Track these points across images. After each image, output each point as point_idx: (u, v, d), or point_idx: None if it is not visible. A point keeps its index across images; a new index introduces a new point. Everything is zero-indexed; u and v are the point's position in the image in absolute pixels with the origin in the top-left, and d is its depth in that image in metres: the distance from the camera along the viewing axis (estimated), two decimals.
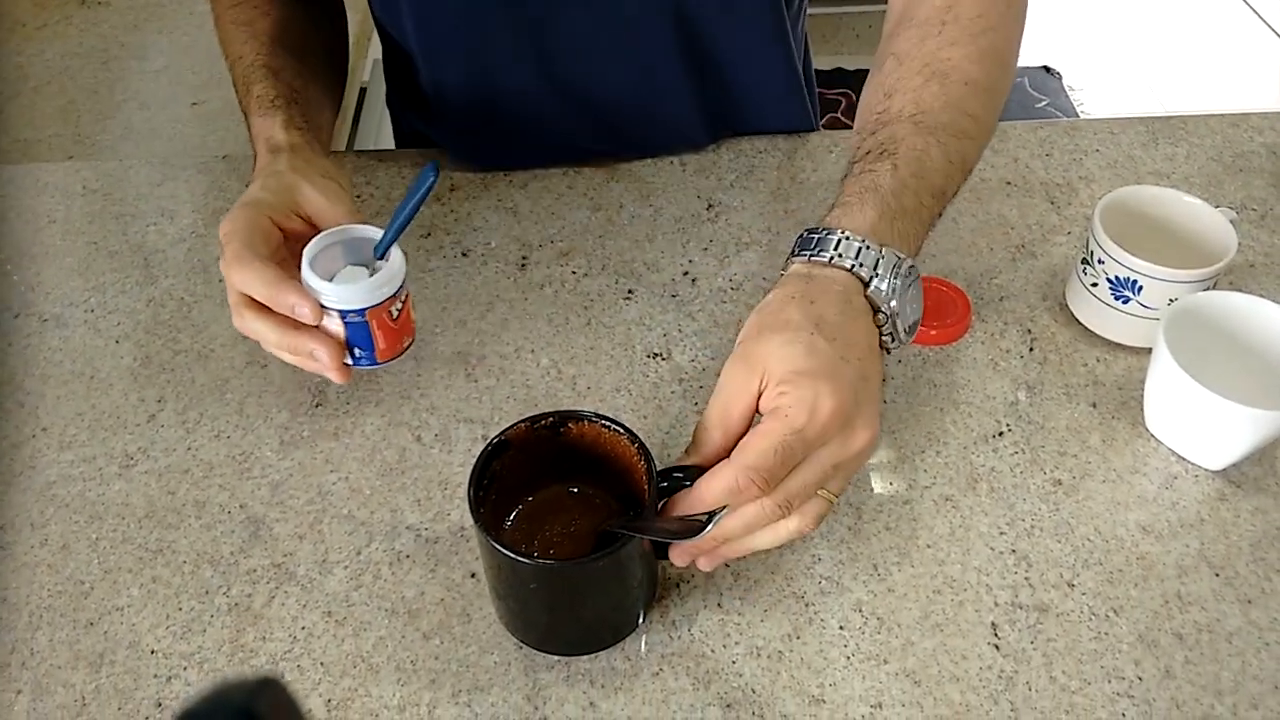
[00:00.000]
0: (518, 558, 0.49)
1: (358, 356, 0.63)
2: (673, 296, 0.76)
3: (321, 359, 0.61)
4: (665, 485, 0.53)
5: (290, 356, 0.62)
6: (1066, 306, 0.73)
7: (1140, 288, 0.67)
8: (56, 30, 1.29)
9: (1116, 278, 0.67)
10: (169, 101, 1.17)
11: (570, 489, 0.59)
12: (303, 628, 0.58)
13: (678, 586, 0.59)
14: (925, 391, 0.69)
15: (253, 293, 0.60)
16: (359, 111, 1.37)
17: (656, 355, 0.71)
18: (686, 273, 0.77)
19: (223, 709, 0.29)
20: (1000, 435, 0.66)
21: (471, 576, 0.59)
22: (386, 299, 0.62)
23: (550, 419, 0.56)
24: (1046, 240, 0.79)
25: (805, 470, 0.51)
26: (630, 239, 0.80)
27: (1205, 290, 0.66)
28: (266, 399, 0.69)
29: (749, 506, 0.51)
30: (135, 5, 1.33)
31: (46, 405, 0.70)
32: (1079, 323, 0.72)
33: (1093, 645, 0.56)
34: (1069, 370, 0.70)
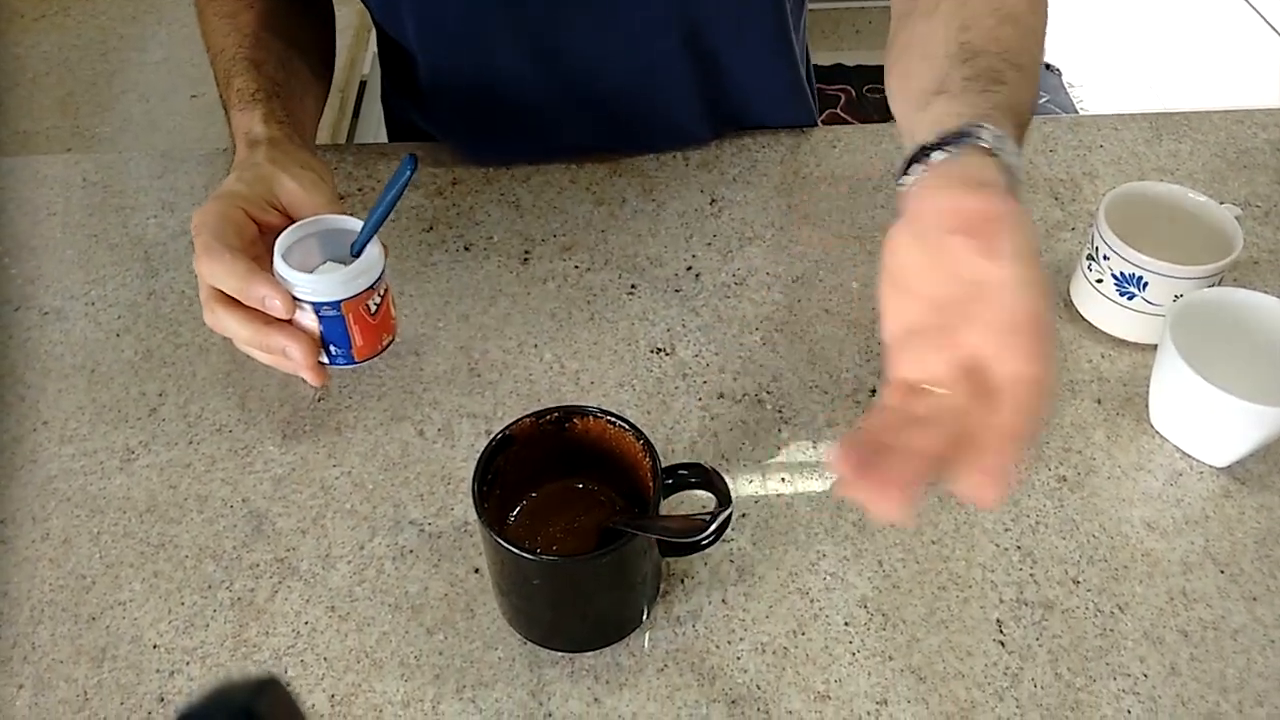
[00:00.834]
0: (521, 554, 0.49)
1: (333, 354, 0.60)
2: (676, 291, 0.75)
3: (294, 356, 0.58)
4: (670, 482, 0.53)
5: (263, 355, 0.60)
6: (1071, 303, 0.73)
7: (1145, 284, 0.67)
8: (55, 21, 1.29)
9: (1121, 274, 0.67)
10: (168, 93, 1.17)
11: (575, 484, 0.58)
12: (306, 623, 0.57)
13: (682, 582, 0.59)
14: None
15: (222, 285, 0.57)
16: (359, 104, 1.36)
17: (660, 350, 0.71)
18: (690, 267, 0.77)
19: (223, 709, 0.29)
20: None
21: (475, 572, 0.59)
22: (363, 291, 0.59)
23: (555, 414, 0.55)
24: (1051, 236, 0.79)
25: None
26: (633, 234, 0.80)
27: (1210, 286, 0.66)
28: (269, 393, 0.69)
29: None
30: None
31: (47, 399, 0.69)
32: (1084, 319, 0.72)
33: (1098, 642, 0.56)
34: (1074, 366, 0.70)
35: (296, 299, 0.58)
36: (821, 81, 1.48)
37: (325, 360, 0.60)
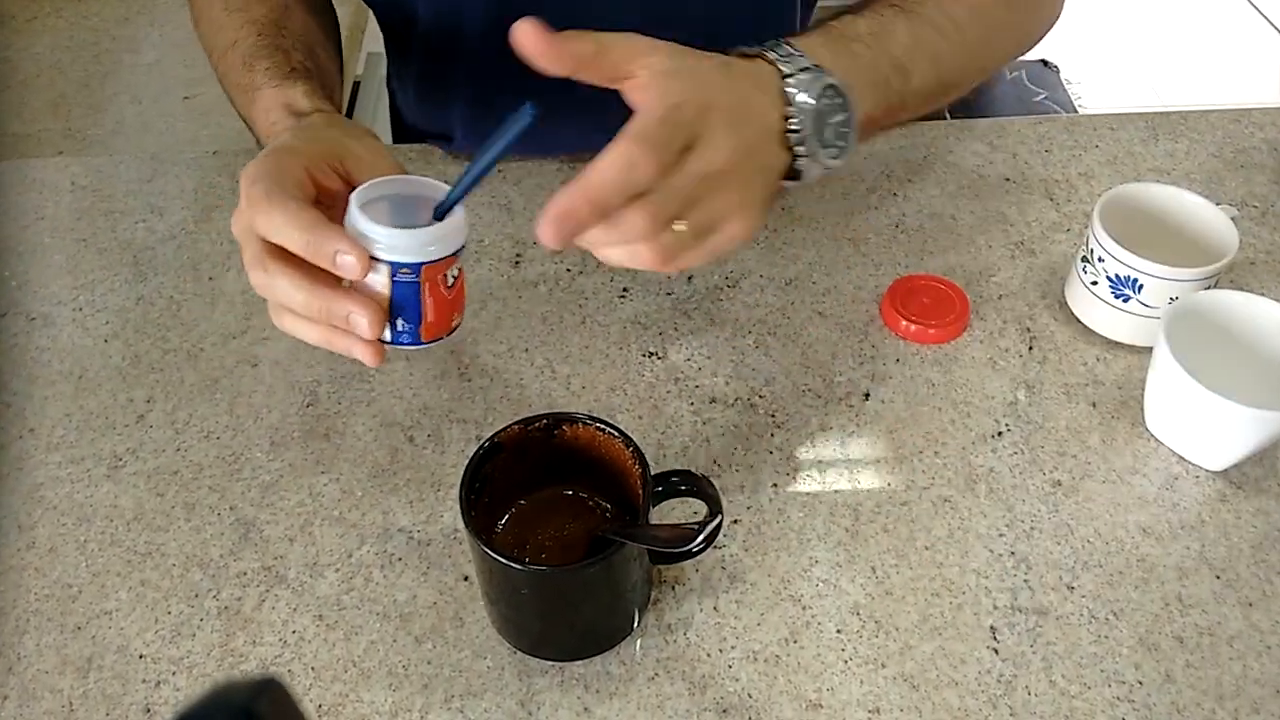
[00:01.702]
0: (509, 563, 0.49)
1: (399, 330, 0.52)
2: (668, 294, 0.75)
3: (360, 326, 0.50)
4: (660, 489, 0.53)
5: (311, 331, 0.52)
6: (1066, 305, 0.73)
7: (1141, 286, 0.66)
8: (47, 23, 1.28)
9: (1117, 276, 0.67)
10: (161, 95, 1.16)
11: (564, 492, 0.58)
12: (293, 632, 0.57)
13: (673, 589, 0.58)
14: (923, 391, 0.68)
15: (283, 237, 0.50)
16: (352, 105, 1.36)
17: (652, 354, 0.71)
18: (682, 270, 0.76)
19: (223, 709, 0.29)
20: (999, 435, 0.65)
21: (464, 579, 0.59)
22: (447, 256, 0.51)
23: (544, 421, 0.55)
24: (1046, 237, 0.78)
25: (685, 173, 0.49)
26: None
27: (1206, 289, 0.66)
28: (256, 399, 0.69)
29: (631, 214, 0.48)
30: None
31: (34, 406, 0.69)
32: (1079, 321, 0.71)
33: (1093, 649, 0.55)
34: (1068, 369, 0.69)
35: (372, 258, 0.50)
36: None
37: (388, 337, 0.53)
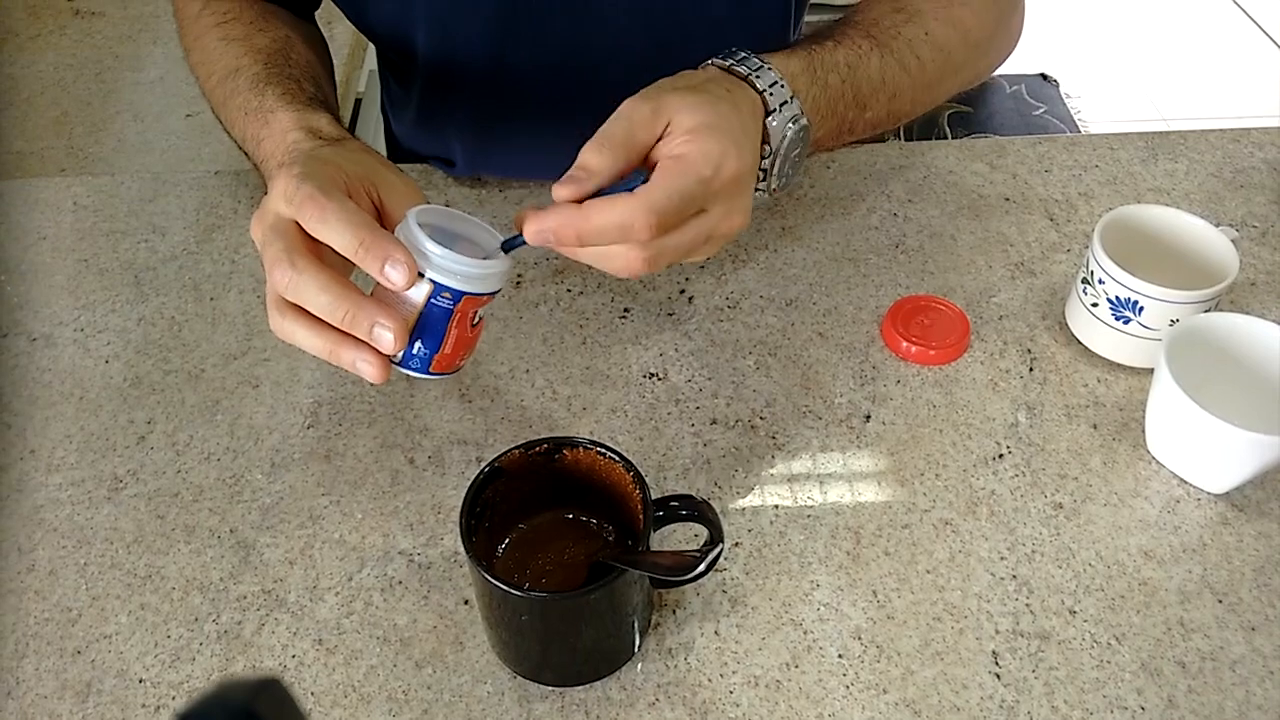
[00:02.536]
0: (509, 589, 0.49)
1: (412, 353, 0.52)
2: (669, 315, 0.75)
3: (384, 339, 0.49)
4: (661, 514, 0.53)
5: (317, 340, 0.51)
6: (1066, 326, 0.73)
7: (1141, 308, 0.66)
8: (50, 41, 1.28)
9: (1117, 298, 0.67)
10: (163, 113, 1.16)
11: (565, 515, 0.58)
12: (293, 656, 0.57)
13: (674, 613, 0.58)
14: (924, 412, 0.68)
15: (334, 235, 0.49)
16: (354, 123, 1.36)
17: (653, 375, 0.71)
18: (683, 291, 0.77)
19: (223, 709, 0.29)
20: (1000, 458, 0.65)
21: (465, 603, 0.59)
22: (487, 294, 0.52)
23: (545, 445, 0.55)
24: (1046, 258, 0.78)
25: (685, 232, 0.52)
26: None
27: (1207, 311, 0.66)
28: (257, 420, 0.69)
29: (622, 249, 0.51)
30: (130, 16, 1.32)
31: (35, 427, 0.69)
32: (1079, 342, 0.71)
33: (1095, 674, 0.55)
34: (1069, 391, 0.69)
35: (419, 273, 0.50)
36: None
37: (397, 358, 0.52)
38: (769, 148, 0.59)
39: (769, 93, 0.58)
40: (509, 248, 0.53)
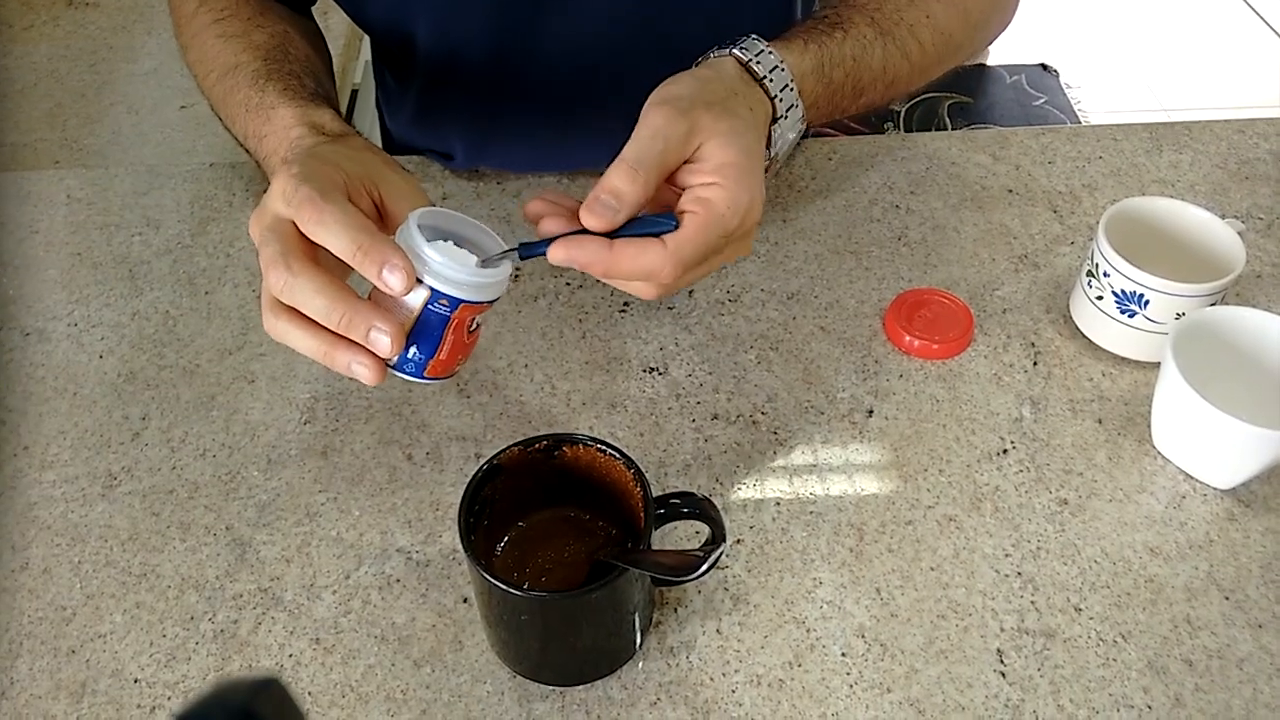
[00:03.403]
0: (508, 588, 0.48)
1: (407, 358, 0.51)
2: (669, 309, 0.74)
3: (380, 343, 0.49)
4: (662, 512, 0.52)
5: (312, 342, 0.50)
6: (1071, 319, 0.72)
7: (1147, 302, 0.65)
8: (44, 31, 1.27)
9: (1122, 291, 0.66)
10: (158, 105, 1.15)
11: (565, 513, 0.57)
12: (290, 655, 0.56)
13: (675, 611, 0.57)
14: (927, 407, 0.67)
15: (332, 239, 0.48)
16: (350, 114, 1.35)
17: (653, 370, 0.70)
18: None
19: (223, 709, 0.29)
20: (1004, 453, 0.65)
21: (464, 601, 0.58)
22: (486, 302, 0.51)
23: (544, 442, 0.54)
24: (1050, 250, 0.78)
25: (701, 268, 0.54)
26: None
27: (1213, 304, 0.65)
28: (253, 416, 0.68)
29: (641, 287, 0.54)
30: (124, 6, 1.31)
31: (28, 423, 0.68)
32: (1084, 336, 0.71)
33: (1101, 672, 0.55)
34: (1074, 385, 0.68)
35: (417, 279, 0.49)
36: None
37: (392, 361, 0.51)
38: (770, 152, 0.59)
39: (779, 98, 0.59)
40: (527, 255, 0.52)
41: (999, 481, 0.63)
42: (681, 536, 0.60)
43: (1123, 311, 0.67)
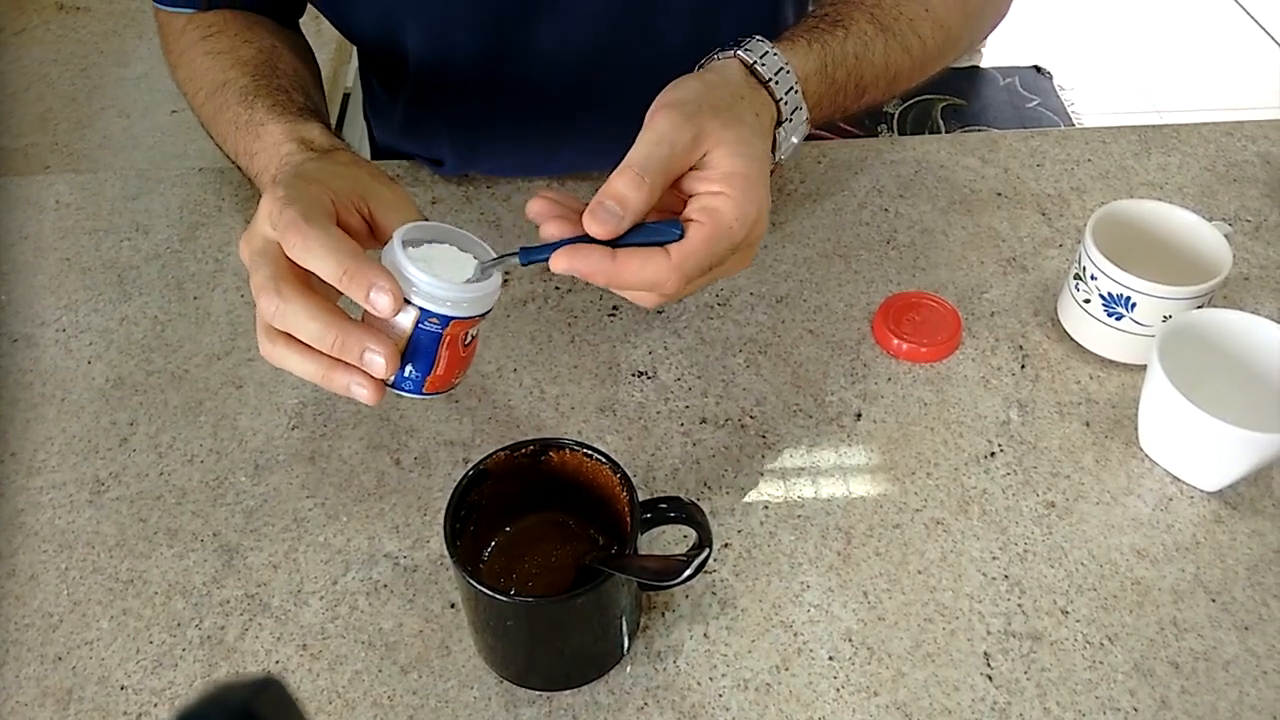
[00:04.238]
0: (494, 594, 0.48)
1: (404, 376, 0.51)
2: (658, 313, 0.74)
3: (375, 365, 0.49)
4: (649, 517, 0.52)
5: (308, 365, 0.50)
6: (1059, 322, 0.72)
7: (1134, 304, 0.66)
8: (34, 35, 1.27)
9: (1109, 294, 0.66)
10: (149, 109, 1.15)
11: (551, 518, 0.57)
12: (277, 661, 0.56)
13: (663, 615, 0.57)
14: (915, 410, 0.67)
15: (318, 263, 0.48)
16: (342, 119, 1.35)
17: (642, 374, 0.70)
18: None
19: (222, 709, 0.29)
20: (992, 456, 0.65)
21: (451, 607, 0.58)
22: (477, 316, 0.51)
23: (530, 447, 0.54)
24: (1038, 253, 0.78)
25: (703, 279, 0.53)
26: None
27: (1200, 306, 0.65)
28: (241, 421, 0.68)
29: (643, 297, 0.53)
30: (115, 11, 1.31)
31: (15, 429, 0.68)
32: (1071, 339, 0.71)
33: (1087, 675, 0.55)
34: (1061, 388, 0.68)
35: (404, 300, 0.49)
36: None
37: (390, 380, 0.51)
38: (774, 157, 0.58)
39: (784, 100, 0.58)
40: (528, 261, 0.52)
41: (986, 484, 0.63)
42: (669, 541, 0.60)
43: (1110, 314, 0.67)
